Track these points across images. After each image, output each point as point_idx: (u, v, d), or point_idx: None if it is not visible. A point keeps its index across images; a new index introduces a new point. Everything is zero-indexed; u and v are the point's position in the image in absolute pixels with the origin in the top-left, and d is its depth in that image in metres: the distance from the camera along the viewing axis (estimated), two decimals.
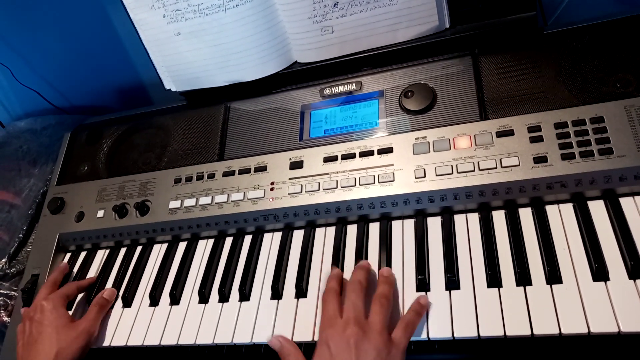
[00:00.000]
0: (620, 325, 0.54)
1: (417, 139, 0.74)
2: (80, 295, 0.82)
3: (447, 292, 0.63)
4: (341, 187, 0.74)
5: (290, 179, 0.78)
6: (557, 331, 0.55)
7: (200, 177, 0.84)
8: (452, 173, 0.69)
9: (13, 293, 0.90)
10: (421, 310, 0.60)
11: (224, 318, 0.71)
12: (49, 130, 1.12)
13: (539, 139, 0.67)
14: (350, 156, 0.76)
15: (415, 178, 0.71)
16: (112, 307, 0.78)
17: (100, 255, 0.87)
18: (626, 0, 0.85)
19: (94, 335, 0.73)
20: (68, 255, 0.90)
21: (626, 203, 0.63)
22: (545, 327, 0.56)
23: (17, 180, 1.04)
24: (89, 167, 0.95)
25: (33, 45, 1.11)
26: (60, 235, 0.89)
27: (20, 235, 0.98)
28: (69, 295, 0.78)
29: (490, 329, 0.58)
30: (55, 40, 1.09)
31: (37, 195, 1.02)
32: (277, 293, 0.70)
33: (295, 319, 0.67)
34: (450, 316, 0.60)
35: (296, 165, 0.78)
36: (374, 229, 0.73)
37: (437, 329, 0.60)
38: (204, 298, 0.74)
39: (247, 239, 0.79)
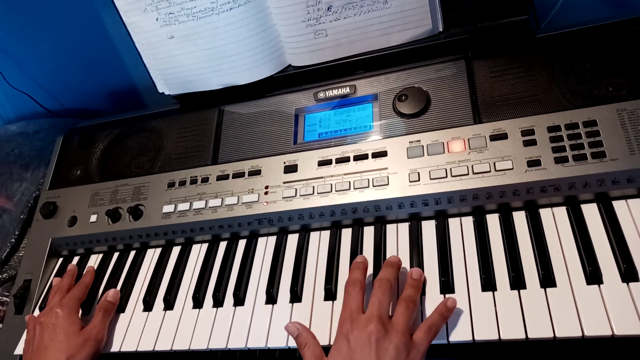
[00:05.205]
0: (613, 328, 0.54)
1: (411, 142, 0.74)
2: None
3: (442, 296, 0.63)
4: (335, 190, 0.74)
5: (284, 182, 0.78)
6: (551, 334, 0.55)
7: (194, 181, 0.83)
8: (446, 177, 0.69)
9: (5, 299, 0.89)
10: (447, 314, 0.59)
11: (219, 323, 0.70)
12: (41, 133, 1.12)
13: (533, 143, 0.67)
14: (345, 160, 0.76)
15: (410, 182, 0.71)
16: None
17: (93, 260, 0.87)
18: (618, 4, 0.85)
19: (103, 340, 0.72)
20: (60, 260, 0.89)
21: (619, 206, 0.63)
22: (539, 330, 0.56)
23: (9, 185, 1.04)
24: (81, 171, 0.94)
25: (25, 48, 1.10)
26: (53, 240, 0.88)
27: (12, 240, 0.97)
28: (80, 299, 0.77)
29: (485, 333, 0.58)
30: (47, 43, 1.08)
31: (30, 200, 1.01)
32: (271, 298, 0.70)
33: (298, 322, 0.66)
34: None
35: (290, 169, 0.78)
36: (369, 232, 0.73)
37: None
38: (198, 303, 0.74)
39: (242, 244, 0.79)
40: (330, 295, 0.67)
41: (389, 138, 0.76)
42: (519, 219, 0.67)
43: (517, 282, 0.60)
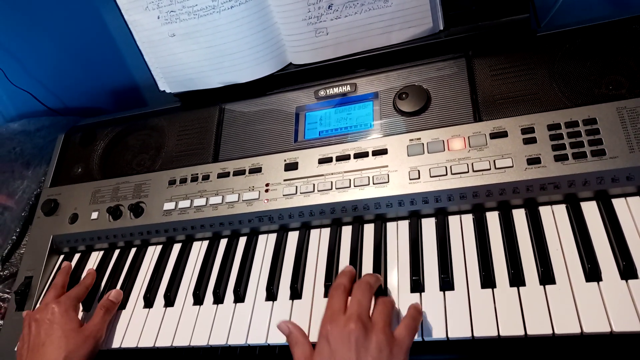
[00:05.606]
0: (612, 325, 0.54)
1: (411, 140, 0.74)
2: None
3: (442, 293, 0.63)
4: (336, 188, 0.74)
5: (285, 180, 0.78)
6: (550, 331, 0.56)
7: (194, 179, 0.83)
8: (446, 174, 0.69)
9: (6, 295, 0.90)
10: (420, 308, 0.60)
11: (219, 319, 0.71)
12: (42, 131, 1.12)
13: (532, 141, 0.68)
14: (345, 158, 0.76)
15: (410, 179, 0.71)
16: None
17: (94, 257, 0.87)
18: (618, 3, 0.86)
19: (101, 339, 0.72)
20: (61, 257, 0.89)
21: (618, 204, 0.64)
22: (538, 327, 0.56)
23: (10, 182, 1.04)
24: (82, 169, 0.94)
25: (26, 47, 1.11)
26: (54, 237, 0.88)
27: (14, 237, 0.98)
28: (79, 298, 0.77)
29: (484, 329, 0.58)
30: (48, 41, 1.09)
31: (31, 197, 1.02)
32: (271, 294, 0.70)
33: (290, 320, 0.67)
34: (445, 317, 0.60)
35: (291, 166, 0.78)
36: (369, 230, 0.73)
37: (431, 329, 0.60)
38: (198, 300, 0.74)
39: (242, 241, 0.79)
40: None
41: (389, 136, 0.76)
42: (519, 216, 0.67)
43: (517, 279, 0.61)
